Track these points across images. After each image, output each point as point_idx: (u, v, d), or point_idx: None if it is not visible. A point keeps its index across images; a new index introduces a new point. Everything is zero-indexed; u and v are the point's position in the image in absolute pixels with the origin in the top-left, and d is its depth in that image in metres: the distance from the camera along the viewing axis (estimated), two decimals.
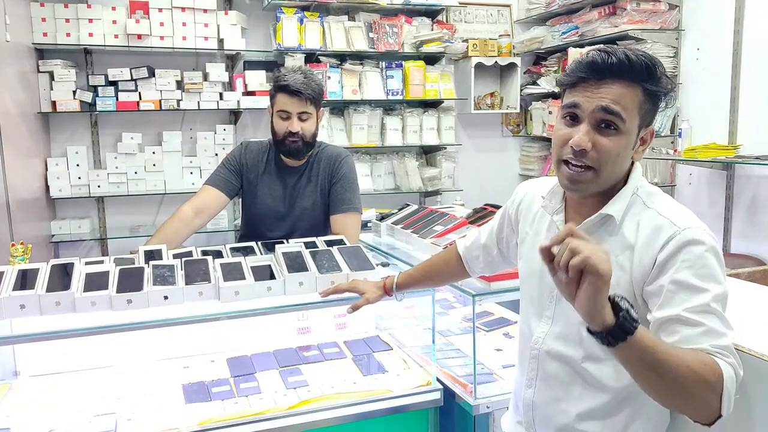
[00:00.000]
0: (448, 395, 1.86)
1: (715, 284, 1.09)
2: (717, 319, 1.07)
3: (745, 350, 1.17)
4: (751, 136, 3.45)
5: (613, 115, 1.14)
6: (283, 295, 1.76)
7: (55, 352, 1.91)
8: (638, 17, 3.85)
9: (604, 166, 1.17)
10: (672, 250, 1.12)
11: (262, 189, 2.40)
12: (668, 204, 1.20)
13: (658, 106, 1.20)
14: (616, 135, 1.16)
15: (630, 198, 1.21)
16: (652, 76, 1.15)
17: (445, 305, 2.55)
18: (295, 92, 2.21)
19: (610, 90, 1.14)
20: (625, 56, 1.15)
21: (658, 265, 1.13)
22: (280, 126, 2.27)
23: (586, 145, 1.15)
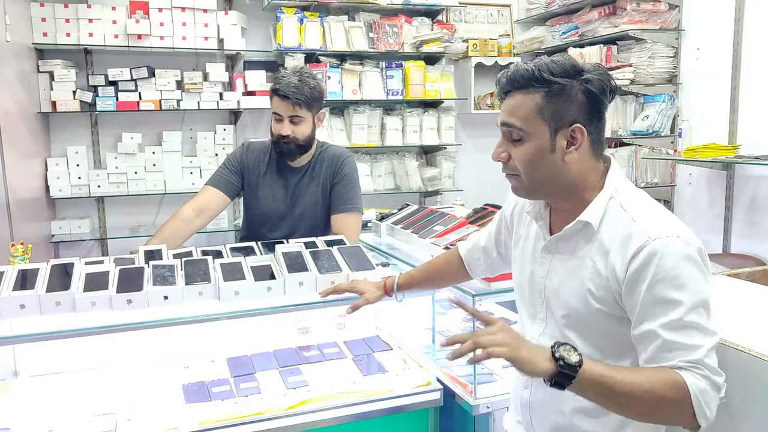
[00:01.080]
0: (448, 395, 1.86)
1: (690, 294, 1.09)
2: (693, 331, 1.08)
3: (744, 350, 1.17)
4: (751, 136, 3.45)
5: (510, 127, 1.23)
6: (283, 295, 1.76)
7: (55, 352, 1.90)
8: (638, 17, 3.85)
9: (523, 173, 1.24)
10: (641, 261, 1.12)
11: (264, 189, 2.40)
12: (644, 209, 1.20)
13: (575, 103, 1.19)
14: (522, 143, 1.23)
15: (607, 203, 1.22)
16: (543, 78, 1.18)
17: (445, 305, 2.55)
18: (285, 96, 2.22)
19: (507, 103, 1.24)
20: (517, 69, 1.22)
21: (629, 277, 1.14)
22: (274, 128, 2.30)
23: (497, 157, 1.28)
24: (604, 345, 1.21)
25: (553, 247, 1.30)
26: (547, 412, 1.32)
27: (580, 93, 1.19)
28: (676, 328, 1.08)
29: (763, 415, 1.17)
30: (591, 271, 1.20)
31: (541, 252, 1.31)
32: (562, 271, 1.27)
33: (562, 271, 1.27)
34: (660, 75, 3.92)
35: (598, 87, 1.19)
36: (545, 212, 1.34)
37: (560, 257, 1.28)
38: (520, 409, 1.40)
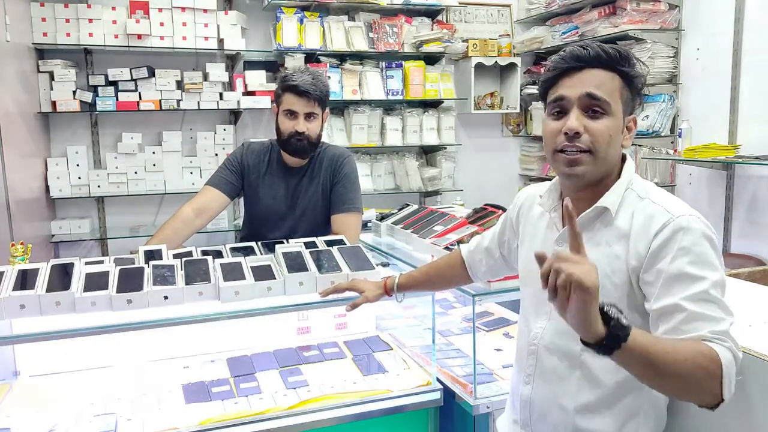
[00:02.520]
0: (448, 395, 1.86)
1: (712, 271, 1.10)
2: (715, 306, 1.08)
3: (745, 350, 1.17)
4: (751, 136, 3.45)
5: (598, 100, 1.20)
6: (283, 295, 1.76)
7: (55, 352, 1.90)
8: (638, 17, 3.85)
9: (598, 147, 1.20)
10: (666, 236, 1.13)
11: (264, 189, 2.40)
12: (662, 194, 1.23)
13: (636, 96, 1.24)
14: (604, 117, 1.20)
15: (624, 191, 1.24)
16: (627, 63, 1.21)
17: (445, 305, 2.55)
18: (304, 92, 2.22)
19: (592, 78, 1.21)
20: (600, 47, 1.21)
21: (653, 252, 1.14)
22: (286, 125, 2.27)
23: (578, 128, 1.20)
24: None
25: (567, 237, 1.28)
26: (547, 409, 1.32)
27: (640, 86, 1.24)
28: (701, 300, 1.08)
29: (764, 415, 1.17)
30: (607, 254, 1.21)
31: (555, 243, 1.30)
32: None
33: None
34: (660, 75, 3.92)
35: (642, 72, 1.24)
36: (558, 204, 1.33)
37: None
38: (519, 407, 1.39)
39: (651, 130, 3.82)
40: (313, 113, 2.27)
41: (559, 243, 1.30)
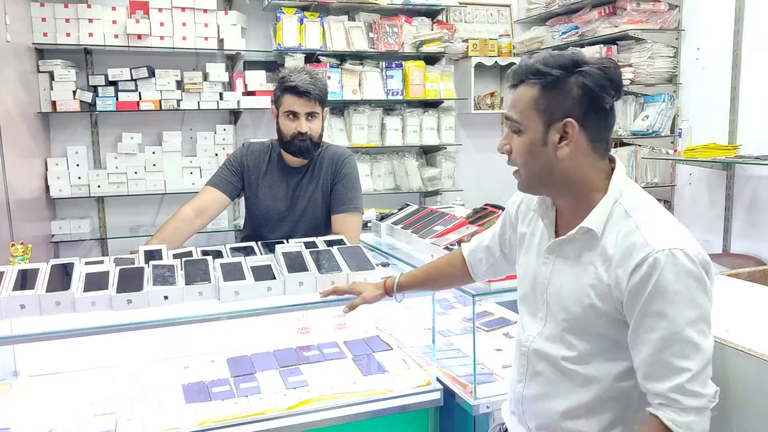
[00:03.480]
0: (448, 395, 1.86)
1: (687, 309, 1.08)
2: (685, 348, 1.08)
3: (745, 350, 1.16)
4: (751, 136, 3.45)
5: (510, 120, 1.24)
6: (283, 295, 1.76)
7: (55, 352, 1.90)
8: (638, 17, 3.85)
9: (519, 164, 1.25)
10: (643, 274, 1.11)
11: (264, 190, 2.40)
12: (649, 214, 1.18)
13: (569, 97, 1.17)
14: (520, 135, 1.23)
15: (611, 207, 1.20)
16: (533, 72, 1.20)
17: (445, 305, 2.55)
18: (304, 92, 2.21)
19: (513, 97, 1.25)
20: (519, 62, 1.26)
21: (631, 288, 1.13)
22: (287, 127, 2.27)
23: (501, 149, 1.28)
24: (600, 346, 1.22)
25: (557, 249, 1.29)
26: (538, 408, 1.33)
27: (576, 87, 1.16)
28: (667, 342, 1.09)
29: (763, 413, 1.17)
30: (593, 277, 1.20)
31: (545, 252, 1.31)
32: (564, 274, 1.26)
33: (565, 274, 1.26)
34: (660, 75, 3.92)
35: (597, 82, 1.15)
36: (551, 211, 1.32)
37: (563, 260, 1.27)
38: (515, 402, 1.42)
39: (651, 130, 3.82)
40: (314, 112, 2.26)
41: (549, 251, 1.31)
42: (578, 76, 1.16)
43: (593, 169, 1.22)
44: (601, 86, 1.16)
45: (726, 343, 1.21)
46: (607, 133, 1.23)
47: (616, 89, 1.18)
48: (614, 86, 1.17)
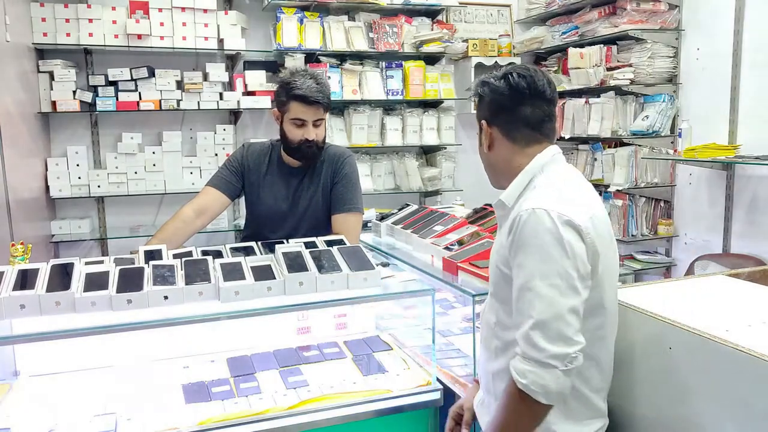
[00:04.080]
0: (448, 395, 1.86)
1: (542, 263, 1.23)
2: (533, 298, 1.22)
3: (745, 350, 1.16)
4: (751, 136, 3.44)
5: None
6: (283, 295, 1.76)
7: (55, 352, 1.90)
8: (638, 17, 3.85)
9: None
10: (512, 232, 1.31)
11: (265, 190, 2.40)
12: (549, 186, 1.36)
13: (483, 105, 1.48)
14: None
15: (527, 183, 1.40)
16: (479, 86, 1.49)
17: (445, 305, 2.55)
18: (314, 102, 2.21)
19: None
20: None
21: (508, 247, 1.32)
22: (294, 134, 2.26)
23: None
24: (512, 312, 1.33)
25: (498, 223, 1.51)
26: (481, 371, 1.53)
27: (486, 97, 1.46)
28: (521, 291, 1.26)
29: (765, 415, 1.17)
30: (500, 244, 1.40)
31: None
32: (494, 245, 1.48)
33: (494, 245, 1.48)
34: (660, 75, 3.92)
35: (496, 90, 1.43)
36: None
37: (498, 233, 1.49)
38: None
39: (651, 130, 3.82)
40: (320, 119, 2.28)
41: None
42: (484, 88, 1.46)
43: (518, 155, 1.43)
44: (500, 92, 1.43)
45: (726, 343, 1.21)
46: (522, 125, 1.43)
47: (518, 91, 1.41)
48: (516, 89, 1.41)
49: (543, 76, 1.43)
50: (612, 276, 1.38)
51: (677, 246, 4.05)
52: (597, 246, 1.28)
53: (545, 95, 1.42)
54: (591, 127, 4.13)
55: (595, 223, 1.30)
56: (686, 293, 1.56)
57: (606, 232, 1.35)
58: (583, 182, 1.44)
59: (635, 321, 1.43)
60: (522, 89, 1.41)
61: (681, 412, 1.31)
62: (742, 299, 1.52)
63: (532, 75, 1.42)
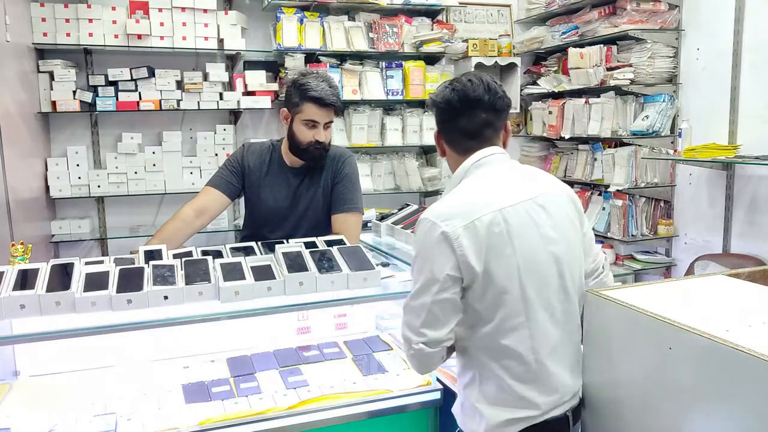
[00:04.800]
0: (448, 395, 1.86)
1: (415, 264, 1.46)
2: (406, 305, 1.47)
3: (745, 350, 1.16)
4: (751, 136, 3.44)
5: None
6: (283, 295, 1.76)
7: (55, 352, 1.91)
8: (638, 17, 3.85)
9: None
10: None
11: (265, 190, 2.40)
12: (450, 195, 1.50)
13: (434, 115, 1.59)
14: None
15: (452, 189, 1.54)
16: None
17: None
18: (328, 104, 2.22)
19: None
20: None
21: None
22: (305, 135, 2.27)
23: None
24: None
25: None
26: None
27: (432, 110, 1.58)
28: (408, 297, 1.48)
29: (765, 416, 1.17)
30: None
31: None
32: None
33: None
34: (660, 75, 3.92)
35: (434, 104, 1.55)
36: None
37: None
38: None
39: (651, 130, 3.82)
40: (331, 122, 2.30)
41: None
42: (430, 101, 1.58)
43: (461, 161, 1.54)
44: (438, 106, 1.55)
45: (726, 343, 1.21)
46: (459, 135, 1.53)
47: (452, 105, 1.51)
48: (449, 103, 1.51)
49: (480, 83, 1.49)
50: (530, 269, 1.42)
51: (677, 246, 4.05)
52: (482, 246, 1.38)
53: (482, 103, 1.49)
54: (591, 127, 4.13)
55: (480, 226, 1.39)
56: (686, 293, 1.56)
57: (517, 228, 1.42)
58: (508, 179, 1.51)
59: (635, 321, 1.43)
60: (454, 103, 1.50)
61: (681, 413, 1.31)
62: (742, 299, 1.52)
63: (463, 88, 1.49)
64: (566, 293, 1.48)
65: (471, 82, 1.50)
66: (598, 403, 1.53)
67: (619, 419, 1.47)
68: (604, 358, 1.49)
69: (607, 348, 1.48)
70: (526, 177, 1.56)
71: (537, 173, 1.61)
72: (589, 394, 1.55)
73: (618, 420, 1.48)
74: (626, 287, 1.59)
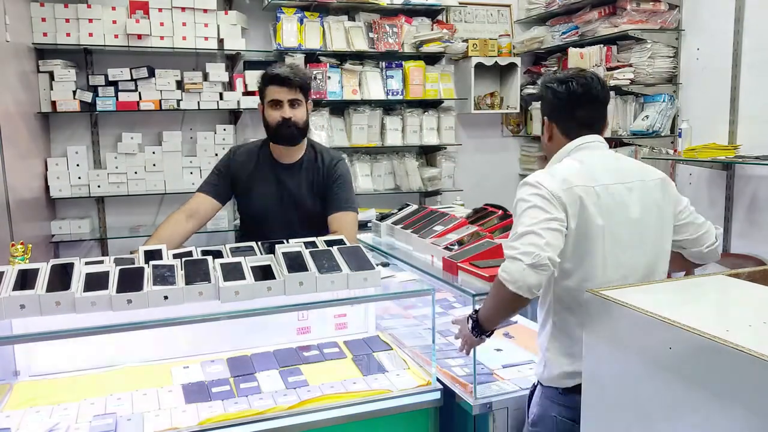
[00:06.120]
0: (448, 395, 1.86)
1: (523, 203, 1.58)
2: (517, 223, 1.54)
3: (745, 350, 1.16)
4: (751, 136, 3.44)
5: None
6: (283, 295, 1.76)
7: (55, 352, 1.90)
8: (638, 17, 3.85)
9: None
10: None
11: (256, 189, 2.44)
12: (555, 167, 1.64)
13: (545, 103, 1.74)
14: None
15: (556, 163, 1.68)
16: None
17: (445, 305, 2.55)
18: (285, 80, 2.30)
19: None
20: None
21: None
22: (273, 116, 2.34)
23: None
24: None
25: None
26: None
27: (547, 98, 1.70)
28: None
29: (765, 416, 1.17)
30: None
31: None
32: None
33: None
34: (660, 75, 3.92)
35: (555, 93, 1.67)
36: None
37: None
38: None
39: (651, 130, 3.82)
40: (296, 100, 2.34)
41: None
42: (547, 90, 1.69)
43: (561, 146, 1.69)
44: (559, 96, 1.67)
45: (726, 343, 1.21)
46: (576, 125, 1.67)
47: (575, 97, 1.65)
48: (573, 95, 1.65)
49: (598, 82, 1.67)
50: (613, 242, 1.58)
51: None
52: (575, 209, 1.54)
53: (599, 99, 1.67)
54: None
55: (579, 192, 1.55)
56: (686, 293, 1.56)
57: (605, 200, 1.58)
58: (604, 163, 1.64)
59: (635, 321, 1.43)
60: (578, 95, 1.64)
61: (681, 413, 1.31)
62: (742, 299, 1.52)
63: (588, 83, 1.65)
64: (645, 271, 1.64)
65: (591, 78, 1.66)
66: (598, 402, 1.53)
67: (619, 419, 1.47)
68: (604, 358, 1.49)
69: (607, 348, 1.48)
70: (621, 164, 1.70)
71: (631, 162, 1.75)
72: (588, 394, 1.56)
73: (618, 420, 1.47)
74: (626, 287, 1.59)
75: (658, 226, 1.66)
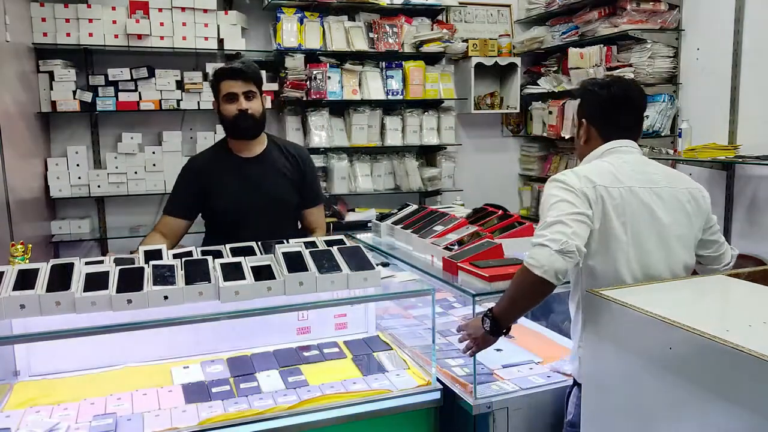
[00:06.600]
0: (448, 395, 1.86)
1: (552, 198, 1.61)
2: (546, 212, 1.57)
3: (745, 350, 1.16)
4: (751, 136, 3.44)
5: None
6: (283, 295, 1.76)
7: (55, 352, 1.90)
8: (638, 17, 3.85)
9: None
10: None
11: (224, 188, 2.41)
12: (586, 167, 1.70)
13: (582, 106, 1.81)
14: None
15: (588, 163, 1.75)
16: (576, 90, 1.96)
17: (445, 305, 2.55)
18: (237, 72, 2.33)
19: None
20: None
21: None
22: (229, 110, 2.35)
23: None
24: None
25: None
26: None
27: (587, 101, 1.77)
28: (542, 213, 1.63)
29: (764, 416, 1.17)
30: None
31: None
32: None
33: None
34: (660, 75, 3.92)
35: (597, 97, 1.73)
36: None
37: None
38: None
39: (651, 130, 3.82)
40: (251, 92, 2.36)
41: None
42: (587, 93, 1.76)
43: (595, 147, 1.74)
44: (600, 101, 1.73)
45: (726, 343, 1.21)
46: (614, 129, 1.72)
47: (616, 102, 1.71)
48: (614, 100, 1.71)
49: (636, 88, 1.75)
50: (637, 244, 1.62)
51: None
52: (600, 208, 1.58)
53: (638, 105, 1.74)
54: None
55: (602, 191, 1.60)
56: (686, 293, 1.56)
57: (629, 202, 1.62)
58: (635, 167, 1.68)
59: (635, 321, 1.43)
60: (620, 100, 1.70)
61: (681, 413, 1.31)
62: (742, 299, 1.52)
63: (628, 89, 1.72)
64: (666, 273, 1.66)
65: (629, 85, 1.75)
66: (598, 402, 1.53)
67: (619, 419, 1.47)
68: (604, 358, 1.49)
69: (607, 348, 1.48)
70: (651, 168, 1.73)
71: (663, 168, 1.78)
72: (588, 394, 1.56)
73: (618, 420, 1.47)
74: (626, 287, 1.59)
75: (684, 235, 1.70)
